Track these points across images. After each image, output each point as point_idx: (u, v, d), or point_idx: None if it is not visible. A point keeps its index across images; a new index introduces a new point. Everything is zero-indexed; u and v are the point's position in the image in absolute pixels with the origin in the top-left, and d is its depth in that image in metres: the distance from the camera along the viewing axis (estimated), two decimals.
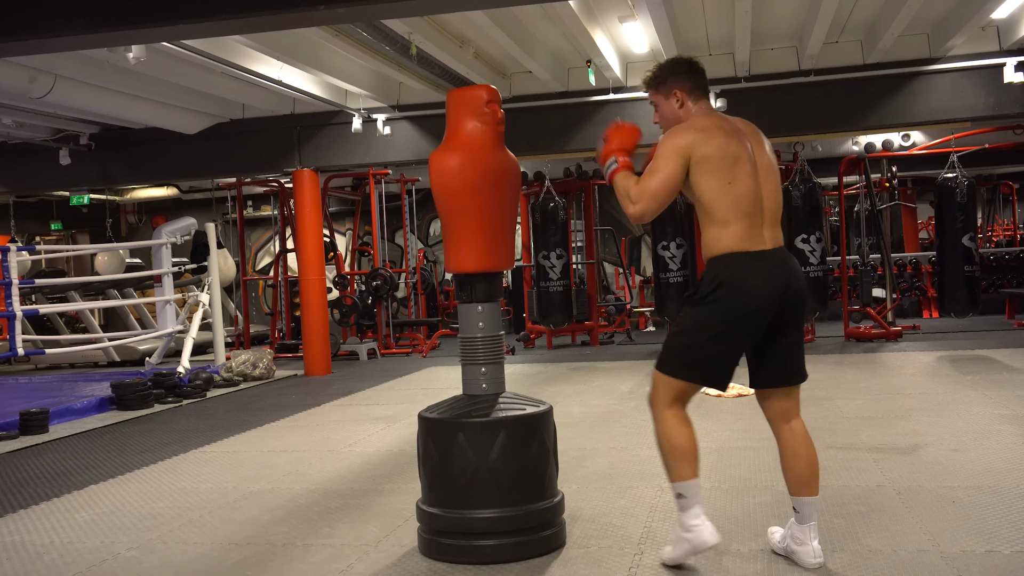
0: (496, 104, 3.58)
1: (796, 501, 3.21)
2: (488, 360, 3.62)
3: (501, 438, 3.39)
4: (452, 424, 3.46)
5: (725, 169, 3.08)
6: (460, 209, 3.56)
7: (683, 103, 3.30)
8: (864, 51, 9.34)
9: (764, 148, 3.25)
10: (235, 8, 4.57)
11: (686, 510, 3.13)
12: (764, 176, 3.17)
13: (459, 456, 3.41)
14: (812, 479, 3.18)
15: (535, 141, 10.10)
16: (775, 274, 3.09)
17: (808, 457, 3.20)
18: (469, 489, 3.40)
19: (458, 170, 3.52)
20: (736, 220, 3.07)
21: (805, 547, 3.17)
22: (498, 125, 3.57)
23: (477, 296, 3.63)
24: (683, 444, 3.13)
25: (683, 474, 3.12)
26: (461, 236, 3.58)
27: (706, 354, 3.11)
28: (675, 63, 3.39)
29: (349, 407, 7.71)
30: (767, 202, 3.15)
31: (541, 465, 3.49)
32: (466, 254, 3.58)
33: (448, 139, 3.60)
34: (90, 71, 8.39)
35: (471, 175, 3.52)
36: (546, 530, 3.49)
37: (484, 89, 3.60)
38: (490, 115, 3.55)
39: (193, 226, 12.14)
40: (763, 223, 3.13)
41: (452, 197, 3.56)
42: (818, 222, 10.61)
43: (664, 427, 3.16)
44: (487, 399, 3.56)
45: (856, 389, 7.22)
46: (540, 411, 3.54)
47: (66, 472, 5.57)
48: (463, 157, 3.53)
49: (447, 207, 3.59)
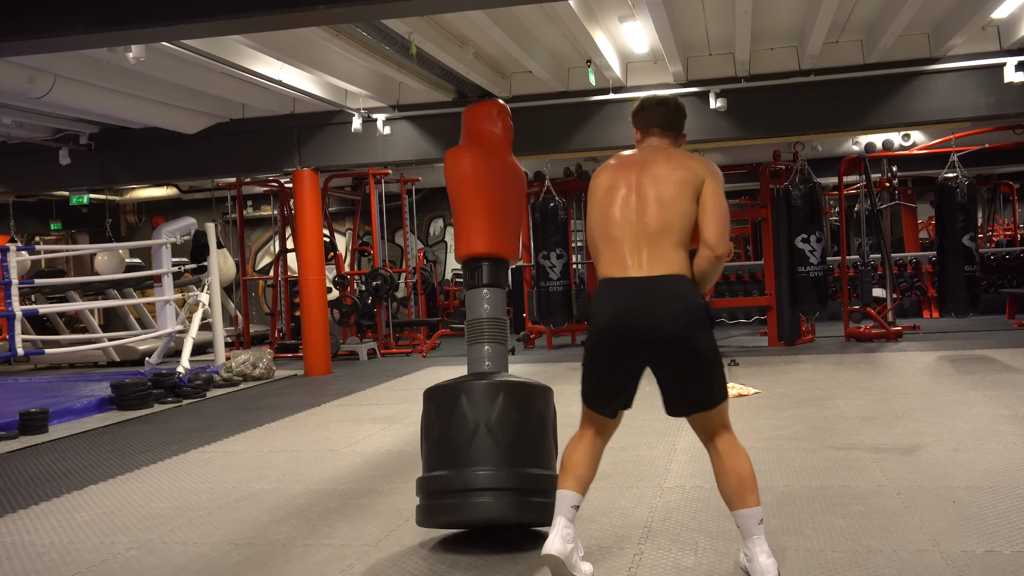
0: (506, 115, 4.01)
1: (735, 516, 3.08)
2: (492, 339, 3.82)
3: (501, 400, 3.54)
4: (454, 387, 3.62)
5: (607, 206, 3.18)
6: (472, 195, 3.83)
7: (638, 139, 3.43)
8: (864, 51, 9.34)
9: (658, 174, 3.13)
10: (235, 8, 4.57)
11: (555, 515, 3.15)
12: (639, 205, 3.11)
13: (460, 417, 3.54)
14: (744, 492, 3.05)
15: (535, 141, 10.10)
16: (618, 302, 3.08)
17: (735, 470, 3.08)
18: (468, 448, 3.50)
19: (471, 161, 3.86)
20: (606, 251, 3.16)
21: (753, 564, 3.00)
22: (508, 133, 3.98)
23: (484, 280, 3.83)
24: (566, 457, 3.23)
25: (560, 482, 3.20)
26: (471, 221, 3.83)
27: (584, 375, 3.23)
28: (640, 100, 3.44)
29: (349, 407, 7.71)
30: (634, 231, 3.09)
31: (539, 435, 3.62)
32: (475, 237, 3.82)
33: (463, 140, 3.96)
34: (90, 71, 8.39)
35: (484, 166, 3.85)
36: (542, 496, 3.48)
37: (495, 103, 4.04)
38: (501, 124, 3.96)
39: (193, 226, 12.14)
40: (626, 252, 3.09)
41: (465, 185, 3.85)
42: (818, 222, 10.60)
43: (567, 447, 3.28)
44: (490, 374, 3.73)
45: (856, 389, 7.22)
46: (540, 384, 3.72)
47: (66, 472, 5.57)
48: (477, 152, 3.88)
49: (459, 194, 3.86)
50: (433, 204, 16.73)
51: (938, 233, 10.77)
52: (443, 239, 17.32)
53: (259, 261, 17.92)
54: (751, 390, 7.19)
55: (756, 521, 3.03)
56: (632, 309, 3.04)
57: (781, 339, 11.05)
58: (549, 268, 11.74)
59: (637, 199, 3.13)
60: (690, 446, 5.30)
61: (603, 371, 3.17)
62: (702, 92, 9.56)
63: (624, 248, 3.10)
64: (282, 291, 13.54)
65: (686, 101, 9.86)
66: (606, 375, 3.16)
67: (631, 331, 3.04)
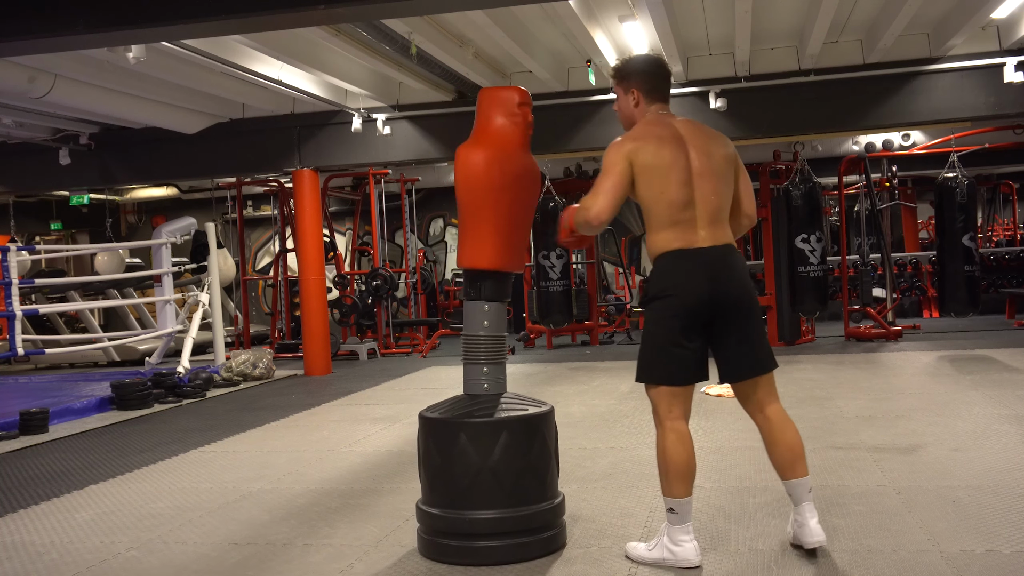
0: (528, 107, 3.62)
1: (786, 485, 3.29)
2: (490, 360, 3.61)
3: (504, 438, 3.38)
4: (454, 424, 3.44)
5: (659, 178, 3.20)
6: (482, 205, 3.53)
7: (638, 102, 3.40)
8: (864, 51, 9.34)
9: (705, 150, 3.27)
10: (235, 8, 4.58)
11: (676, 524, 3.23)
12: (700, 180, 3.23)
13: (461, 456, 3.39)
14: (795, 461, 3.25)
15: (535, 141, 9.89)
16: (704, 268, 3.19)
17: (786, 441, 3.26)
18: (470, 489, 3.38)
19: (485, 167, 3.52)
20: (666, 226, 3.22)
21: (803, 527, 3.23)
22: (527, 128, 3.61)
23: (486, 294, 3.60)
24: (681, 463, 3.20)
25: (676, 492, 3.21)
26: (479, 232, 3.55)
27: (660, 353, 3.23)
28: (643, 61, 3.47)
29: (349, 407, 7.71)
30: (702, 205, 3.22)
31: (543, 466, 3.48)
32: (481, 250, 3.56)
33: (477, 134, 3.60)
34: (90, 71, 8.39)
35: (497, 172, 3.52)
36: (547, 531, 3.48)
37: (516, 91, 3.63)
38: (520, 117, 3.58)
39: (193, 226, 12.14)
40: (697, 224, 3.22)
41: (475, 192, 3.54)
42: (818, 222, 10.61)
43: (663, 442, 3.24)
44: (488, 399, 3.55)
45: (856, 389, 7.22)
46: (542, 412, 3.54)
47: (66, 472, 5.57)
48: (492, 154, 3.54)
49: (469, 201, 3.57)
50: (433, 204, 16.73)
51: (938, 233, 10.78)
52: (443, 239, 17.32)
53: (259, 261, 17.92)
54: None
55: (807, 489, 3.25)
56: (718, 275, 3.20)
57: (781, 339, 11.05)
58: (549, 268, 11.74)
59: (698, 175, 3.23)
60: None
61: (694, 339, 3.20)
62: (702, 92, 9.57)
63: (694, 222, 3.21)
64: (282, 291, 13.54)
65: (686, 101, 9.90)
66: (695, 343, 3.21)
67: (719, 295, 3.19)
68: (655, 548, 3.29)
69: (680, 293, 3.17)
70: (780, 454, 3.26)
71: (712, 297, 3.18)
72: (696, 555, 3.22)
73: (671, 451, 3.20)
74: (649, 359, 3.26)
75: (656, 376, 3.24)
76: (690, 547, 3.22)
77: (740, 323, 3.24)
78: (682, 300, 3.18)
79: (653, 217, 3.25)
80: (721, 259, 3.23)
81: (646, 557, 3.30)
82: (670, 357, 3.21)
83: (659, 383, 3.24)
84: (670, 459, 3.20)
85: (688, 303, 3.18)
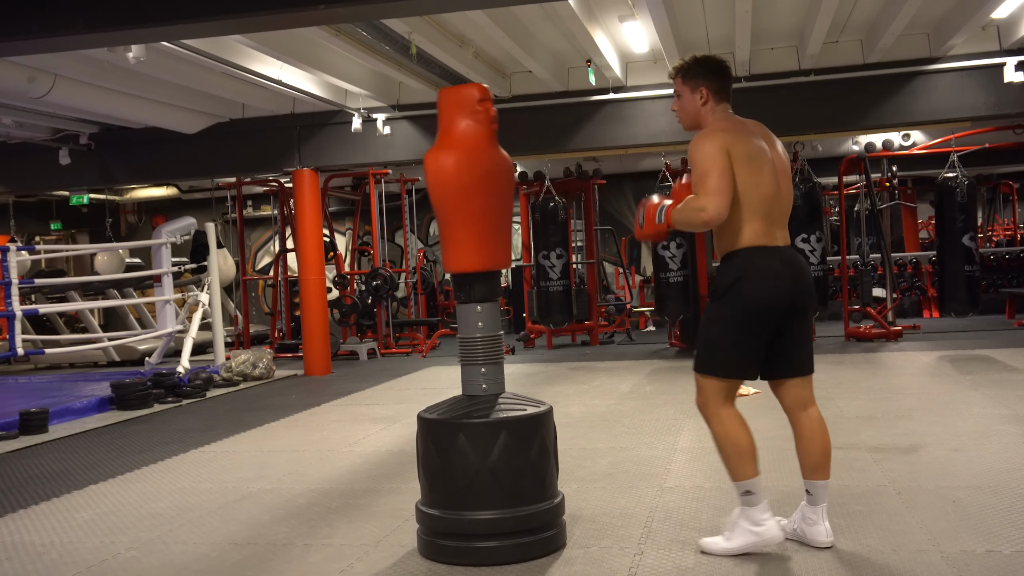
0: (488, 102, 3.56)
1: (809, 484, 3.34)
2: (488, 360, 3.60)
3: (503, 439, 3.38)
4: (453, 425, 3.44)
5: (755, 171, 3.24)
6: (456, 209, 3.53)
7: (707, 101, 3.40)
8: (864, 51, 9.34)
9: (778, 150, 3.41)
10: (235, 8, 4.57)
11: (754, 505, 3.26)
12: (782, 178, 3.34)
13: (460, 457, 3.39)
14: (825, 463, 3.34)
15: (535, 141, 10.10)
16: (788, 268, 3.26)
17: (823, 443, 3.35)
18: (470, 490, 3.38)
19: (454, 170, 3.48)
20: (758, 219, 3.25)
21: (817, 527, 3.31)
22: (491, 123, 3.54)
23: (476, 296, 3.60)
24: (746, 444, 3.26)
25: (748, 472, 3.25)
26: (458, 236, 3.56)
27: (735, 348, 3.26)
28: (710, 61, 3.46)
29: (349, 407, 7.71)
30: (782, 204, 3.34)
31: (542, 466, 3.48)
32: (464, 254, 3.56)
33: (442, 138, 3.57)
34: (90, 71, 8.39)
35: (467, 175, 3.48)
36: (547, 531, 3.48)
37: (476, 88, 3.58)
38: (483, 114, 3.52)
39: (193, 226, 12.14)
40: (776, 222, 3.31)
41: (448, 197, 3.53)
42: (818, 222, 10.60)
43: (724, 427, 3.28)
44: (487, 400, 3.55)
45: (856, 389, 7.22)
46: (541, 411, 3.54)
47: (66, 472, 5.57)
48: (458, 156, 3.49)
49: (443, 207, 3.56)
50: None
51: (938, 233, 10.78)
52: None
53: (259, 261, 17.92)
54: (751, 390, 7.19)
55: (827, 491, 3.36)
56: (794, 271, 3.28)
57: None
58: (549, 268, 11.74)
59: (777, 176, 3.32)
60: (690, 446, 5.30)
61: (765, 333, 3.25)
62: None
63: (776, 219, 3.31)
64: (282, 291, 13.54)
65: None
66: (765, 337, 3.26)
67: (797, 296, 3.28)
68: (735, 536, 3.29)
69: (766, 289, 3.21)
70: (814, 454, 3.34)
71: (792, 297, 3.25)
72: (780, 530, 3.28)
73: (735, 434, 3.25)
74: (720, 350, 3.27)
75: (725, 369, 3.28)
76: (773, 523, 3.26)
77: (802, 324, 3.35)
78: (767, 296, 3.21)
79: (744, 208, 3.22)
80: (796, 259, 3.33)
81: (731, 547, 3.29)
82: (744, 351, 3.26)
83: (727, 376, 3.28)
84: (737, 441, 3.25)
85: (772, 300, 3.22)
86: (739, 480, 3.27)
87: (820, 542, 3.30)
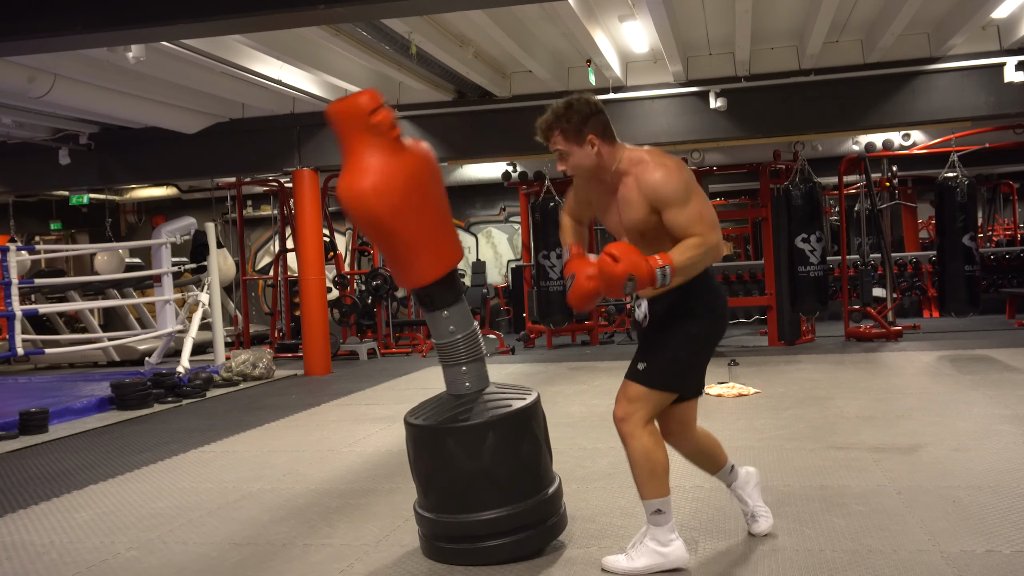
0: (382, 109, 3.24)
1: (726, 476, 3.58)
2: (468, 359, 3.52)
3: (491, 439, 3.35)
4: (441, 431, 3.39)
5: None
6: (391, 233, 3.26)
7: (597, 147, 3.27)
8: (864, 51, 9.34)
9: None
10: (235, 8, 4.58)
11: (662, 525, 3.18)
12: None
13: (451, 462, 3.36)
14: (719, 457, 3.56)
15: (535, 141, 10.05)
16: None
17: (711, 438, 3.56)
18: (465, 494, 3.36)
19: (374, 197, 3.18)
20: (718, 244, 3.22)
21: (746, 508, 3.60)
22: (392, 131, 3.25)
23: (438, 304, 3.48)
24: (664, 461, 3.19)
25: (662, 491, 3.16)
26: (400, 256, 3.36)
27: (695, 368, 3.33)
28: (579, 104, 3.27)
29: (349, 407, 7.71)
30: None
31: (534, 459, 3.46)
32: (412, 270, 3.38)
33: (348, 164, 3.23)
34: (90, 71, 8.38)
35: (389, 197, 3.19)
36: (547, 521, 3.47)
37: (365, 95, 3.25)
38: (380, 123, 3.22)
39: (193, 226, 12.14)
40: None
41: (378, 224, 3.24)
42: (818, 222, 10.61)
43: (644, 444, 3.17)
44: (471, 397, 3.49)
45: (856, 389, 7.22)
46: (527, 404, 3.48)
47: (66, 472, 5.57)
48: (374, 180, 3.18)
49: (376, 234, 3.30)
50: None
51: (938, 233, 10.78)
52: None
53: (259, 261, 17.92)
54: (751, 390, 7.20)
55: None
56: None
57: (781, 339, 11.06)
58: (549, 268, 11.74)
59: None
60: None
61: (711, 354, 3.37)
62: (702, 92, 9.57)
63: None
64: (282, 291, 13.54)
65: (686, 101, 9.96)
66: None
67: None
68: (640, 556, 3.19)
69: (724, 311, 3.30)
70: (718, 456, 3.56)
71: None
72: (687, 552, 3.20)
73: (657, 451, 3.16)
74: (681, 369, 3.24)
75: (679, 386, 3.26)
76: (680, 544, 3.19)
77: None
78: (725, 318, 3.31)
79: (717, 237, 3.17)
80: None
81: (634, 567, 3.18)
82: (699, 371, 3.35)
83: (672, 391, 3.24)
84: (656, 459, 3.15)
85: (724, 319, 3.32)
86: (650, 498, 3.15)
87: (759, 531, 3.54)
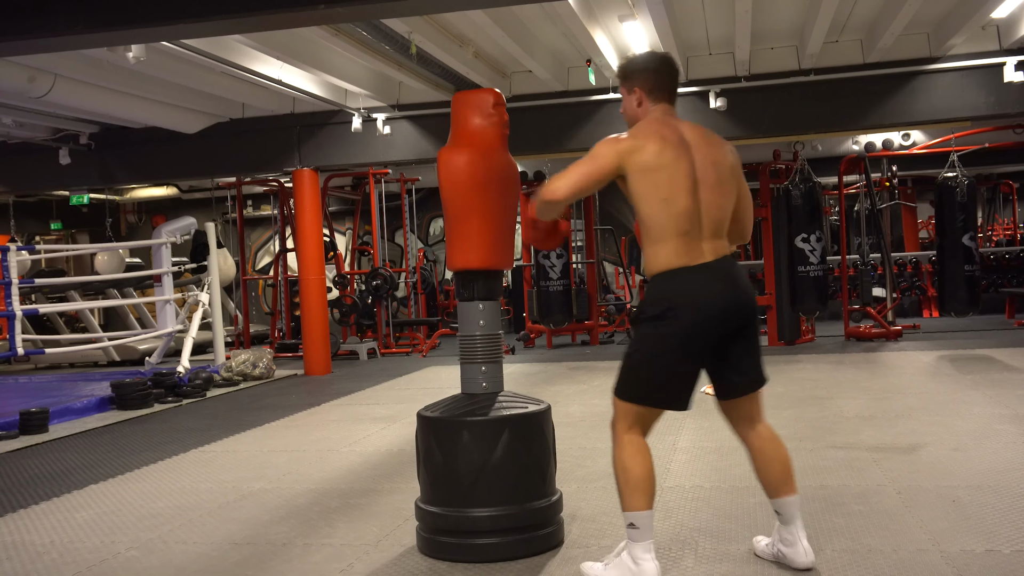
0: (502, 107, 3.65)
1: (777, 504, 3.15)
2: (487, 359, 3.62)
3: (505, 436, 3.41)
4: (456, 423, 3.46)
5: (662, 184, 2.97)
6: (467, 206, 3.55)
7: (641, 102, 3.16)
8: (864, 50, 9.34)
9: (713, 158, 3.06)
10: (235, 8, 4.58)
11: (637, 541, 3.02)
12: (705, 190, 3.01)
13: (464, 455, 3.41)
14: (788, 478, 3.13)
15: (535, 141, 10.11)
16: (718, 286, 3.00)
17: (780, 458, 3.14)
18: (473, 488, 3.40)
19: (466, 167, 3.53)
20: (673, 238, 2.99)
21: (795, 547, 3.11)
22: (503, 127, 3.63)
23: (479, 294, 3.62)
24: (639, 474, 3.04)
25: (636, 504, 3.02)
26: (466, 233, 3.57)
27: (662, 376, 3.03)
28: (646, 58, 3.22)
29: (349, 407, 7.71)
30: (706, 216, 3.01)
31: (543, 463, 3.52)
32: (470, 251, 3.57)
33: (455, 137, 3.62)
34: (90, 71, 8.39)
35: (480, 172, 3.53)
36: (546, 527, 3.51)
37: (491, 93, 3.66)
38: (496, 117, 3.61)
39: (193, 226, 12.14)
40: (702, 237, 3.01)
41: (459, 193, 3.56)
42: (818, 221, 10.61)
43: (622, 454, 3.08)
44: (486, 398, 3.57)
45: (856, 389, 7.22)
46: (541, 409, 3.58)
47: (66, 472, 5.57)
48: (472, 154, 3.55)
49: (453, 203, 3.58)
50: (433, 204, 16.71)
51: (938, 233, 10.78)
52: (443, 239, 17.32)
53: (259, 261, 17.92)
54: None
55: (798, 507, 3.16)
56: (726, 288, 3.01)
57: (781, 339, 11.05)
58: (549, 268, 11.75)
59: (702, 184, 3.01)
60: (690, 446, 5.30)
61: (698, 361, 3.04)
62: (702, 92, 9.57)
63: (698, 235, 3.00)
64: (282, 291, 13.54)
65: (686, 101, 9.89)
66: (699, 365, 3.05)
67: (729, 311, 3.01)
68: (612, 568, 3.07)
69: (687, 314, 2.95)
70: (775, 471, 3.12)
71: (722, 314, 2.99)
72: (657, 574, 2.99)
73: (631, 463, 3.04)
74: (639, 379, 3.06)
75: (642, 396, 3.07)
76: (651, 566, 2.98)
77: (747, 336, 3.09)
78: (690, 320, 2.95)
79: (654, 227, 2.99)
80: (727, 272, 3.04)
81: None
82: (667, 380, 3.03)
83: (645, 404, 3.07)
84: (630, 470, 3.03)
85: (704, 319, 2.97)
86: (625, 511, 3.04)
87: (800, 563, 3.10)
